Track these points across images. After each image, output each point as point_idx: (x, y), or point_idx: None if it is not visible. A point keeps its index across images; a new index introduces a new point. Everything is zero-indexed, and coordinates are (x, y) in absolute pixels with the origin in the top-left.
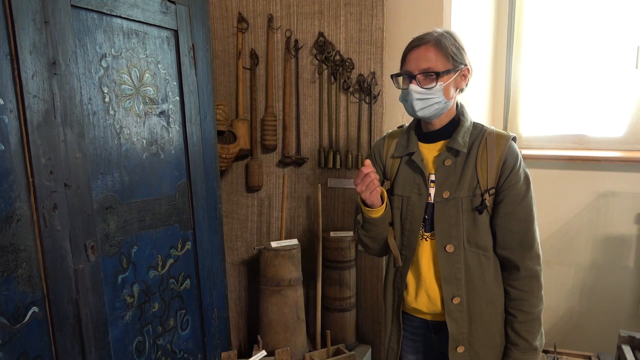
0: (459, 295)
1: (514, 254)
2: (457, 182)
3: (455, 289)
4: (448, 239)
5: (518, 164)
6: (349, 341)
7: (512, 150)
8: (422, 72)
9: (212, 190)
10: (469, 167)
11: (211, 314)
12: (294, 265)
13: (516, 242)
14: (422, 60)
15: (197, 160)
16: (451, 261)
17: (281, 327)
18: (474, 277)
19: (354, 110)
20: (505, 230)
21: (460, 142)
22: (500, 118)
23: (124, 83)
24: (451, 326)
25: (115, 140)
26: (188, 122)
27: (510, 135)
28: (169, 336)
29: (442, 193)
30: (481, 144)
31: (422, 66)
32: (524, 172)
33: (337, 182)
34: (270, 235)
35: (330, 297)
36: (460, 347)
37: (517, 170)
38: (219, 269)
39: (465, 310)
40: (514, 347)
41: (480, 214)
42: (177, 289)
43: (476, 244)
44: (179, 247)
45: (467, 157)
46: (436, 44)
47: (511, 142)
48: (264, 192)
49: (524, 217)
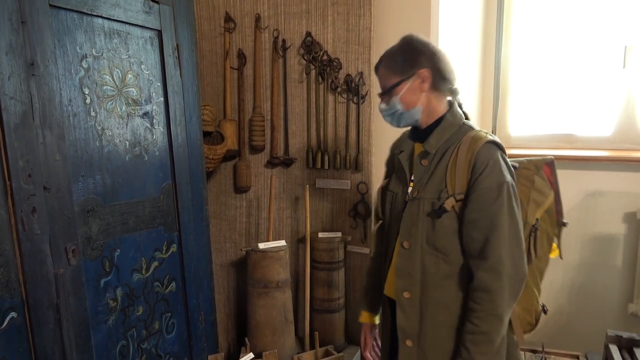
0: (410, 291)
1: (472, 262)
2: (425, 183)
3: (406, 284)
4: (407, 236)
5: (488, 169)
6: (338, 342)
7: (483, 154)
8: (381, 92)
9: (198, 192)
10: (439, 169)
11: (198, 317)
12: (282, 267)
13: (476, 251)
14: (380, 82)
15: (182, 161)
16: (406, 257)
17: (269, 330)
18: (429, 277)
19: (342, 111)
20: (467, 237)
21: (432, 143)
22: (489, 118)
23: (106, 84)
24: (400, 318)
25: (96, 142)
26: (173, 123)
27: (486, 138)
28: (154, 340)
29: (413, 192)
30: (456, 147)
31: (380, 86)
32: (497, 179)
33: (326, 182)
34: (259, 236)
35: (318, 298)
36: (408, 341)
37: (485, 175)
38: (206, 271)
39: (416, 306)
40: (458, 355)
41: (438, 218)
42: (162, 292)
43: (434, 246)
44: (163, 250)
45: (440, 159)
46: (384, 62)
47: (485, 145)
48: (253, 193)
49: (486, 225)
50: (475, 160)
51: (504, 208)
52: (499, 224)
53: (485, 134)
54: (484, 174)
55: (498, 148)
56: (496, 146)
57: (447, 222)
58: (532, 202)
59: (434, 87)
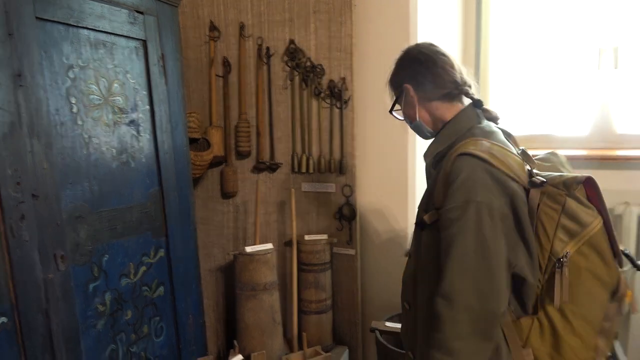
0: (408, 303)
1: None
2: (424, 195)
3: (406, 295)
4: (411, 246)
5: (455, 186)
6: (325, 343)
7: (455, 167)
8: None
9: (185, 198)
10: (433, 182)
11: (186, 320)
12: (269, 270)
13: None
14: None
15: (168, 168)
16: (408, 268)
17: (257, 331)
18: (419, 292)
19: (325, 116)
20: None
21: (427, 152)
22: None
23: (92, 93)
24: (401, 329)
25: (84, 150)
26: (159, 131)
27: (463, 150)
28: (143, 343)
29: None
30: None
31: None
32: (463, 197)
33: (311, 186)
34: (246, 241)
35: (306, 299)
36: (410, 353)
37: (451, 192)
38: (194, 276)
39: (412, 319)
40: None
41: (421, 230)
42: (151, 296)
43: (421, 259)
44: (151, 255)
45: (438, 171)
46: (388, 82)
47: (458, 158)
48: (240, 198)
49: (445, 247)
50: (449, 174)
51: (467, 231)
52: (455, 248)
53: (474, 143)
54: (450, 191)
55: (480, 160)
56: (476, 159)
57: (428, 237)
58: (560, 230)
59: (425, 98)
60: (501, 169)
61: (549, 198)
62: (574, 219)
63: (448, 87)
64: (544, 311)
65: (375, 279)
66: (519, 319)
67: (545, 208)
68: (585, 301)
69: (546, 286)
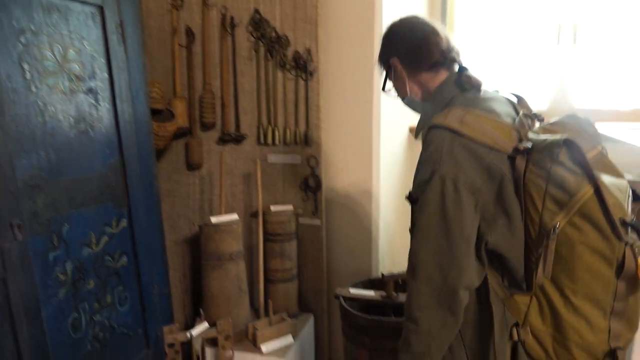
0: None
1: None
2: None
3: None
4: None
5: (423, 157)
6: (291, 310)
7: (426, 141)
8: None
9: (147, 168)
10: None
11: (151, 290)
12: (235, 240)
13: None
14: None
15: (129, 138)
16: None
17: (223, 300)
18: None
19: (291, 87)
20: None
21: (417, 126)
22: None
23: (47, 59)
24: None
25: (39, 117)
26: (118, 100)
27: (432, 123)
28: (106, 312)
29: None
30: None
31: None
32: (429, 169)
33: (277, 157)
34: (212, 212)
35: (272, 269)
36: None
37: (420, 165)
38: (158, 246)
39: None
40: None
41: (411, 203)
42: (114, 266)
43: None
44: (113, 225)
45: None
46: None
47: (430, 131)
48: (205, 170)
49: (413, 219)
50: (423, 147)
51: (429, 204)
52: (420, 220)
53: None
54: (419, 164)
55: (449, 131)
56: (445, 130)
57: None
58: (549, 200)
59: (413, 70)
60: (474, 138)
61: (535, 165)
62: (561, 186)
63: (434, 57)
64: (540, 289)
65: (341, 248)
66: (513, 296)
67: (532, 176)
68: (586, 279)
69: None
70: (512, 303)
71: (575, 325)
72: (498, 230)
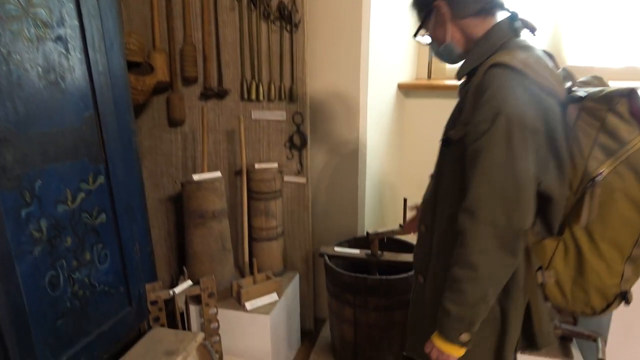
0: (426, 226)
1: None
2: (451, 114)
3: (424, 218)
4: (434, 170)
5: (485, 97)
6: (276, 269)
7: (486, 79)
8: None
9: (125, 123)
10: (461, 99)
11: (132, 248)
12: (218, 197)
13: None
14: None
15: (105, 91)
16: (428, 188)
17: (207, 258)
18: (438, 214)
19: (275, 40)
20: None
21: (460, 70)
22: (426, 49)
23: (8, 2)
24: (415, 252)
25: (2, 66)
26: (91, 50)
27: (495, 61)
28: (86, 270)
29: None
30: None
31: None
32: (494, 109)
33: (261, 114)
34: (196, 170)
35: (257, 227)
36: (420, 277)
37: (481, 104)
38: (139, 203)
39: (427, 242)
40: None
41: (446, 147)
42: (92, 223)
43: (444, 178)
44: (90, 181)
45: (467, 88)
46: (409, 4)
47: (490, 70)
48: (187, 127)
49: (470, 162)
50: (480, 86)
51: (495, 144)
52: (482, 162)
53: (509, 54)
54: (480, 103)
55: (514, 71)
56: (510, 69)
57: (453, 154)
58: (597, 148)
59: (458, 15)
60: (536, 80)
61: (588, 114)
62: (613, 136)
63: (482, 1)
64: (570, 232)
65: (326, 206)
66: (543, 241)
67: (582, 125)
68: (616, 224)
69: (576, 206)
70: (540, 247)
71: (597, 269)
72: (550, 173)
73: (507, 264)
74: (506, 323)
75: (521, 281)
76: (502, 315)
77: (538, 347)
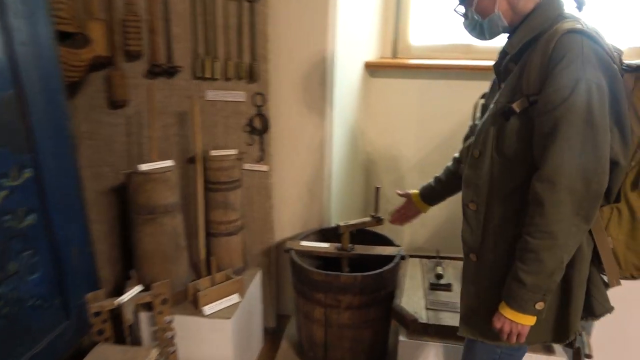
0: (476, 203)
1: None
2: (503, 89)
3: (473, 195)
4: (477, 145)
5: (562, 64)
6: (236, 266)
7: (560, 46)
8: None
9: (56, 105)
10: (518, 71)
11: (69, 252)
12: (170, 190)
13: (537, 159)
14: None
15: (28, 65)
16: (474, 167)
17: (159, 258)
18: (495, 189)
19: (233, 11)
20: (534, 142)
21: (513, 42)
22: (391, 27)
23: None
24: (464, 231)
25: None
26: (11, 14)
27: (570, 27)
28: (12, 283)
29: (496, 99)
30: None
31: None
32: (573, 75)
33: (217, 94)
34: (142, 158)
35: (215, 221)
36: (472, 255)
37: (558, 71)
38: (76, 200)
39: (480, 219)
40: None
41: (506, 121)
42: (17, 226)
43: (503, 153)
44: (13, 176)
45: (520, 61)
46: None
47: (565, 36)
48: (132, 109)
49: (548, 130)
50: (552, 53)
51: (576, 110)
52: (562, 128)
53: (578, 21)
54: (556, 70)
55: (588, 38)
56: (584, 36)
57: (515, 127)
58: None
59: None
60: (606, 48)
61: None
62: None
63: None
64: (625, 198)
65: (290, 196)
66: (602, 207)
67: (639, 93)
68: None
69: (631, 173)
70: (600, 213)
71: None
72: (615, 138)
73: (581, 230)
74: (570, 292)
75: (585, 249)
76: (566, 284)
77: (597, 315)
